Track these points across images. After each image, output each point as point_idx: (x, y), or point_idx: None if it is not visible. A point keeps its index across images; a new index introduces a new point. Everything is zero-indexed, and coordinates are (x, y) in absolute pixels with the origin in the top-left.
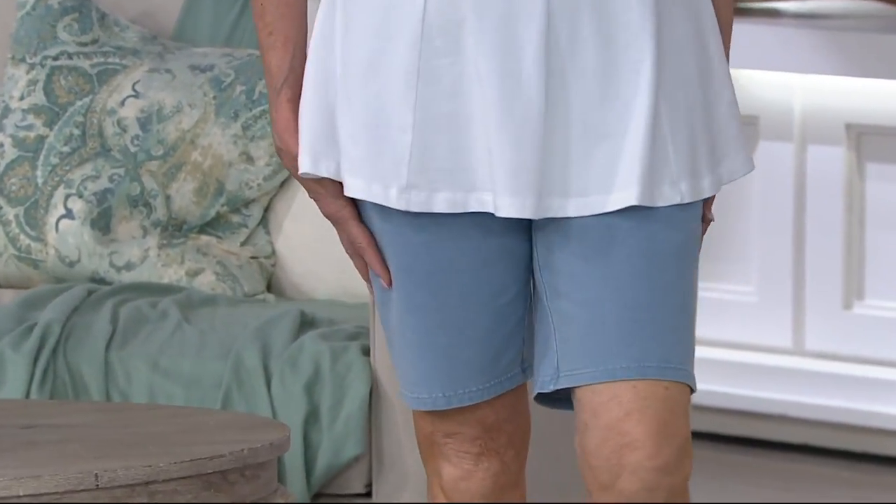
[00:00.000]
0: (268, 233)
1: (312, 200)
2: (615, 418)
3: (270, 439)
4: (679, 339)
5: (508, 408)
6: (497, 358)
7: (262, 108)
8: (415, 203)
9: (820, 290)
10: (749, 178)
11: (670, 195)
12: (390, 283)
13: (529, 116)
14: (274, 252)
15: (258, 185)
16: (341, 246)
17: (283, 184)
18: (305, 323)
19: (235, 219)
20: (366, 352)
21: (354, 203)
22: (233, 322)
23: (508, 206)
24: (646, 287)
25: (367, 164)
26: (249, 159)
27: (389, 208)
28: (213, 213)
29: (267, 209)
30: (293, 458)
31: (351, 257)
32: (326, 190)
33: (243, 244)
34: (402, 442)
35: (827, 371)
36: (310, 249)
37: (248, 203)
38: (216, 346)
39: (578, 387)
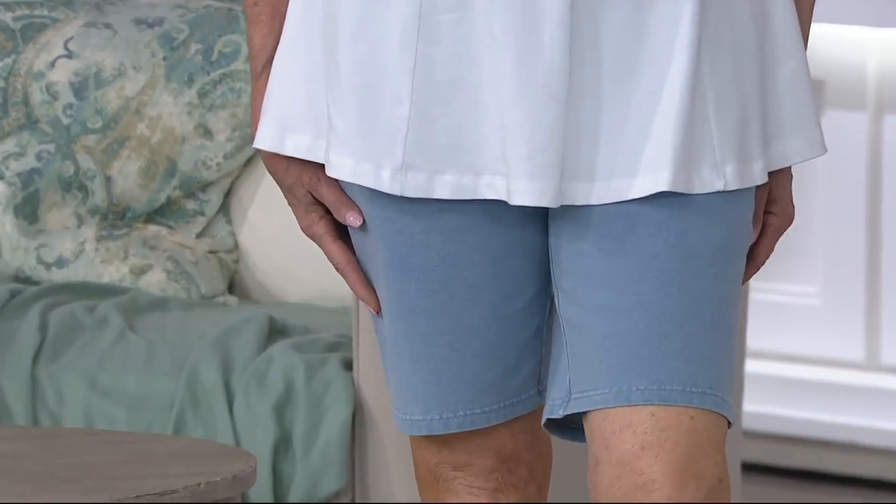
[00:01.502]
0: (229, 222)
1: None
2: (629, 452)
3: (233, 471)
4: (712, 359)
5: (528, 434)
6: (508, 375)
7: (221, 70)
8: (411, 187)
9: None
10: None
11: (710, 180)
12: (379, 310)
13: (551, 84)
14: (236, 245)
15: (217, 164)
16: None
17: (247, 163)
18: (275, 331)
19: (190, 205)
20: (347, 366)
21: (331, 218)
22: (187, 330)
23: (524, 193)
24: (675, 293)
25: (355, 139)
26: (207, 133)
27: (381, 192)
28: (162, 198)
29: (228, 194)
30: (260, 494)
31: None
32: (296, 181)
33: (199, 236)
34: (392, 474)
35: None
36: (280, 242)
37: (205, 186)
38: (167, 360)
39: (590, 412)
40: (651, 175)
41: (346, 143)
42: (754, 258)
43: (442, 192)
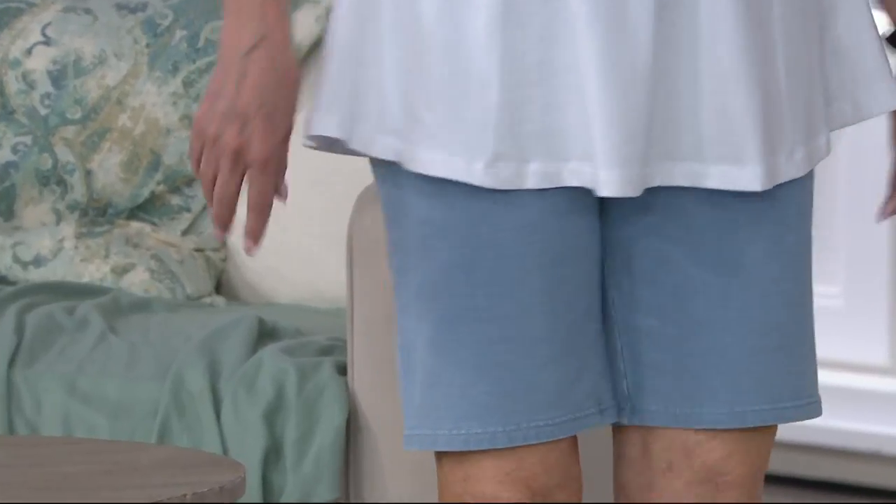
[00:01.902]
0: None
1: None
2: (717, 459)
3: (220, 482)
4: (811, 363)
5: (561, 471)
6: (571, 386)
7: (208, 58)
8: (504, 178)
9: None
10: (833, 147)
11: (786, 168)
12: (257, 243)
13: (638, 66)
14: (224, 243)
15: None
16: (310, 237)
17: None
18: (265, 333)
19: (175, 201)
20: (342, 370)
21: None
22: (172, 333)
23: (614, 182)
24: (778, 304)
25: (444, 131)
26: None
27: (446, 188)
28: (146, 193)
29: None
30: None
31: (216, 203)
32: (285, 120)
33: (185, 233)
34: (388, 485)
35: None
36: (270, 240)
37: (190, 181)
38: (150, 364)
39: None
40: (750, 166)
41: (436, 135)
42: None
43: (532, 181)
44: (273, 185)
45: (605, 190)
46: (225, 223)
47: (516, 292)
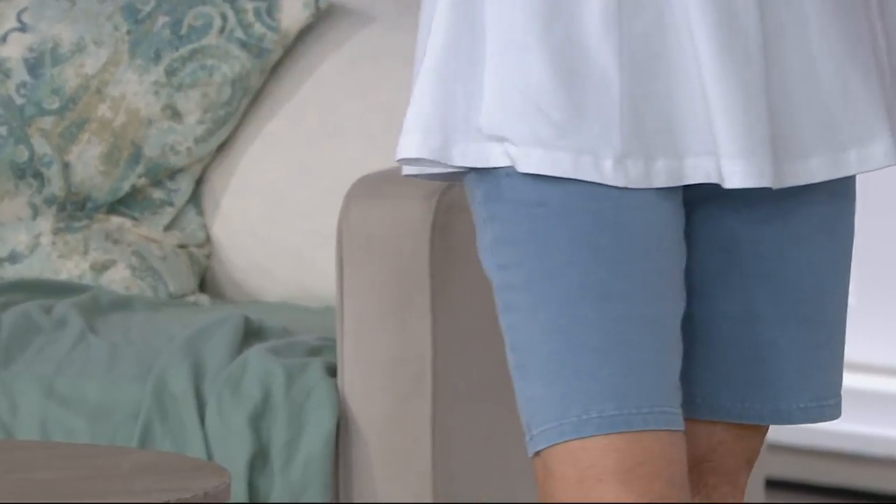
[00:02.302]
0: (200, 213)
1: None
2: (705, 446)
3: (205, 487)
4: (841, 361)
5: (681, 468)
6: (677, 375)
7: (191, 46)
8: (634, 177)
9: None
10: None
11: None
12: None
13: (751, 51)
14: (208, 239)
15: (187, 149)
16: (298, 233)
17: (220, 148)
18: (251, 333)
19: (157, 194)
20: (331, 371)
21: None
22: (154, 332)
23: (741, 175)
24: (829, 302)
25: (568, 130)
26: (176, 115)
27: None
28: (126, 186)
29: (199, 182)
30: None
31: None
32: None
33: (168, 228)
34: (379, 490)
35: None
36: (256, 236)
37: (173, 174)
38: (132, 365)
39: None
40: (880, 140)
41: (558, 135)
42: None
43: (660, 180)
44: None
45: (734, 182)
46: None
47: (639, 271)
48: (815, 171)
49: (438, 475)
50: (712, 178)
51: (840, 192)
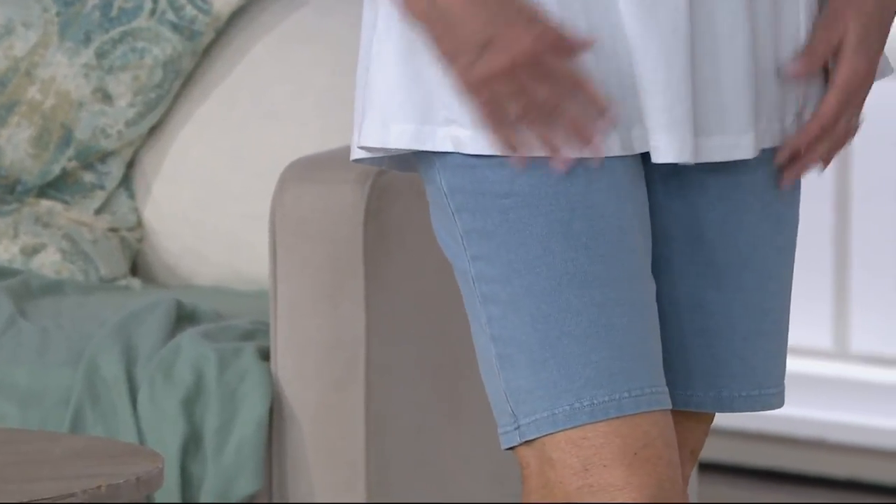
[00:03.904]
0: (131, 197)
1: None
2: (697, 449)
3: (137, 473)
4: (786, 350)
5: (676, 449)
6: (660, 356)
7: (122, 28)
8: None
9: (870, 273)
10: None
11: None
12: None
13: (679, 28)
14: (140, 223)
15: (118, 132)
16: (230, 216)
17: (151, 131)
18: (183, 317)
19: (88, 178)
20: (264, 355)
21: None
22: (85, 316)
23: (663, 150)
24: (773, 288)
25: None
26: (106, 98)
27: (537, 157)
28: (57, 169)
29: (130, 165)
30: (167, 497)
31: (543, 117)
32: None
33: (98, 212)
34: (312, 475)
35: (879, 381)
36: (188, 219)
37: (104, 157)
38: (62, 349)
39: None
40: (775, 125)
41: None
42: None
43: (612, 149)
44: (568, 54)
45: (658, 156)
46: (557, 140)
47: (618, 254)
48: (744, 147)
49: (372, 460)
50: (648, 149)
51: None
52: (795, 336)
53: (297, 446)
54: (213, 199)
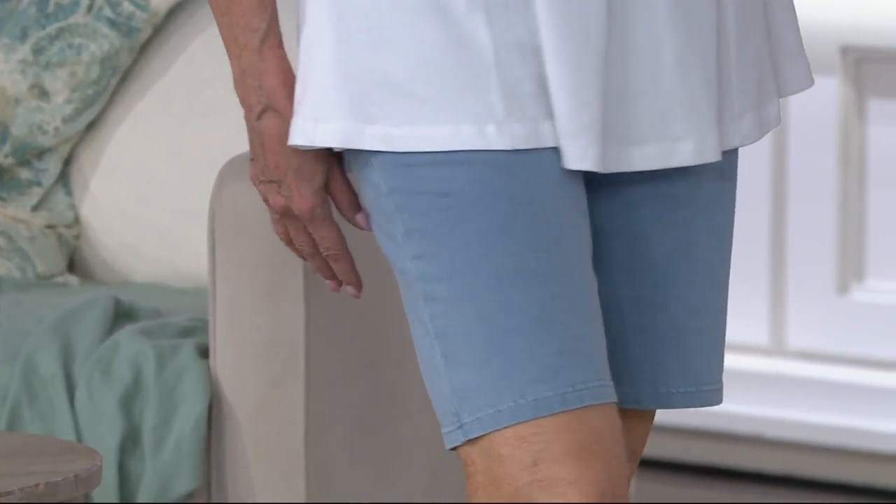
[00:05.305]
0: (69, 194)
1: (263, 197)
2: (638, 448)
3: (75, 470)
4: (724, 347)
5: (624, 444)
6: (604, 350)
7: (59, 24)
8: (520, 137)
9: (806, 269)
10: None
11: (731, 136)
12: (360, 291)
13: (590, 35)
14: (77, 219)
15: (55, 129)
16: (168, 212)
17: (88, 128)
18: (121, 314)
19: (24, 174)
20: (203, 353)
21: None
22: (22, 314)
23: (569, 155)
24: (707, 285)
25: (445, 104)
26: (43, 94)
27: (461, 158)
28: None
29: (67, 162)
30: (105, 495)
31: (308, 259)
32: (315, 171)
33: (35, 209)
34: (252, 473)
35: (815, 377)
36: (126, 216)
37: (41, 153)
38: None
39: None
40: (694, 138)
41: (437, 110)
42: None
43: (546, 140)
44: (330, 229)
45: (565, 162)
46: (327, 275)
47: (560, 249)
48: (650, 158)
49: (311, 457)
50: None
51: (724, 175)
52: (732, 333)
53: (236, 444)
54: (151, 196)
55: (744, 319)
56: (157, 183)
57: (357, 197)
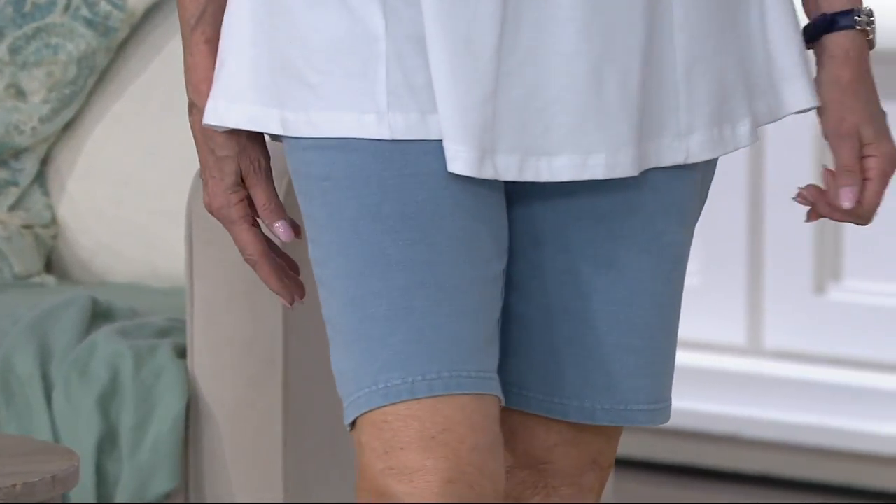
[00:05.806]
0: (46, 194)
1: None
2: (574, 466)
3: (52, 471)
4: (669, 367)
5: (491, 435)
6: (487, 346)
7: (35, 24)
8: (401, 129)
9: (783, 269)
10: None
11: (671, 152)
12: (292, 303)
13: (473, 40)
14: (54, 219)
15: (32, 128)
16: (146, 212)
17: (65, 128)
18: (98, 314)
19: (1, 174)
20: (181, 353)
21: (250, 201)
22: None
23: (453, 160)
24: (646, 303)
25: (331, 91)
26: (20, 94)
27: (346, 145)
28: None
29: (44, 162)
30: (83, 496)
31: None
32: (226, 169)
33: (12, 208)
34: (230, 473)
35: (792, 377)
36: (103, 216)
37: (18, 153)
38: None
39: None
40: (606, 151)
41: (321, 97)
42: (863, 212)
43: (433, 131)
44: (244, 231)
45: (449, 166)
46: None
47: (430, 237)
48: (560, 169)
49: (289, 458)
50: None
51: (684, 192)
52: (709, 332)
53: (213, 444)
54: (128, 196)
55: (721, 319)
56: (135, 183)
57: (280, 205)
